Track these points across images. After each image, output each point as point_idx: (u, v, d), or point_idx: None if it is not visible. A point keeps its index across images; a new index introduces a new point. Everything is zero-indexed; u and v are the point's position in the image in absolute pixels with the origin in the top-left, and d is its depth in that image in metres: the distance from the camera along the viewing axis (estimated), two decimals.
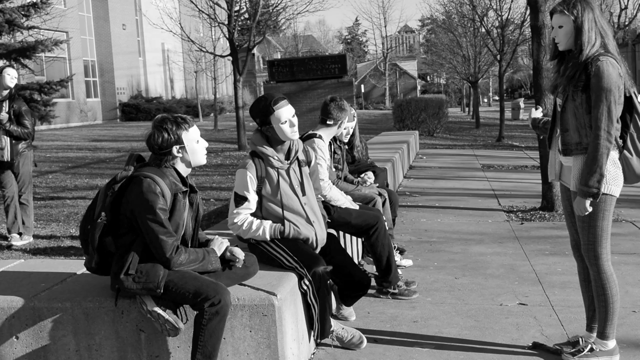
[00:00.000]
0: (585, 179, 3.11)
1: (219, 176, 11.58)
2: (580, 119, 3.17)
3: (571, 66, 3.16)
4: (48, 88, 16.04)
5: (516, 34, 21.31)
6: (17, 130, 6.27)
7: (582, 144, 3.19)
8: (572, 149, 3.23)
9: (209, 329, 2.94)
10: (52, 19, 15.73)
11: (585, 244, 3.29)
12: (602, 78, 3.06)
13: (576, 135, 3.21)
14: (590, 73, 3.09)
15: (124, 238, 3.06)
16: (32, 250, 6.16)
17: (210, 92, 37.18)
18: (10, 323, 3.24)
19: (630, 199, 8.36)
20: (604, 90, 3.06)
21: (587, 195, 3.12)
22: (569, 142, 3.24)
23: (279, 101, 3.58)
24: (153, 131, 3.07)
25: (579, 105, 3.16)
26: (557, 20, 3.20)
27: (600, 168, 3.08)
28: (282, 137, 3.60)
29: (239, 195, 3.61)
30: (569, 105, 3.20)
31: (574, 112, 3.19)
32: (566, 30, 3.17)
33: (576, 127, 3.20)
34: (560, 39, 3.22)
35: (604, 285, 3.29)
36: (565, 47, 3.22)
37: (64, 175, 12.33)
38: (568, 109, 3.21)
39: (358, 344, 3.68)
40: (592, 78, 3.08)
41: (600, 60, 3.07)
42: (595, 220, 3.23)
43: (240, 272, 3.27)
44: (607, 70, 3.06)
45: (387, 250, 4.50)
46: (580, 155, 3.20)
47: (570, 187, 3.30)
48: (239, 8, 20.11)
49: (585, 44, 3.11)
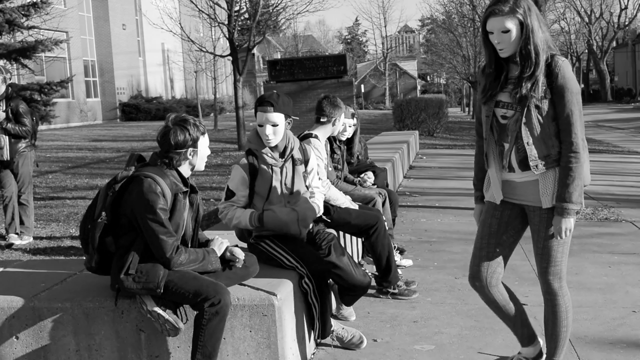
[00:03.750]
0: (567, 195, 2.78)
1: (219, 176, 11.58)
2: (546, 128, 2.82)
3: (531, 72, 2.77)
4: (48, 88, 16.05)
5: None
6: (15, 129, 6.25)
7: (551, 156, 2.83)
8: (541, 163, 2.83)
9: (209, 329, 2.94)
10: (52, 19, 15.73)
11: (551, 265, 2.95)
12: (569, 80, 2.77)
13: (543, 147, 2.83)
14: (555, 76, 2.77)
15: (124, 238, 3.06)
16: (32, 250, 6.15)
17: (210, 92, 37.17)
18: (10, 323, 3.24)
19: (630, 199, 8.37)
20: (573, 92, 2.77)
21: (571, 214, 2.80)
22: (535, 156, 2.83)
23: (263, 104, 3.58)
24: (174, 128, 3.07)
25: (543, 113, 2.80)
26: (499, 23, 2.74)
27: (581, 180, 2.79)
28: (261, 137, 3.63)
29: (229, 190, 3.67)
30: (531, 115, 2.80)
31: (537, 121, 2.81)
32: (513, 35, 2.75)
33: (541, 138, 2.82)
34: (506, 45, 2.77)
35: (567, 309, 3.01)
36: (511, 53, 2.80)
37: (64, 175, 12.33)
38: (530, 119, 2.81)
39: (358, 344, 3.68)
40: (558, 80, 2.76)
41: (561, 60, 2.77)
42: (568, 239, 2.92)
43: (240, 272, 3.27)
44: (570, 70, 2.79)
45: (387, 250, 4.50)
46: (551, 170, 2.85)
47: (544, 204, 2.88)
48: (239, 8, 20.11)
49: (539, 46, 2.75)
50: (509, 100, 2.84)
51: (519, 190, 2.93)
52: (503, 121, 2.88)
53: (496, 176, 2.98)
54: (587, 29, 54.27)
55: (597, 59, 56.23)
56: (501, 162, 2.93)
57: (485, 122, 2.94)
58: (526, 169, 2.86)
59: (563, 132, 2.79)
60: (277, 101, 3.57)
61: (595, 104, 51.10)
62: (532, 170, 2.84)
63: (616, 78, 63.23)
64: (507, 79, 2.87)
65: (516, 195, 2.96)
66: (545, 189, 2.86)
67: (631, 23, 57.56)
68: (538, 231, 2.94)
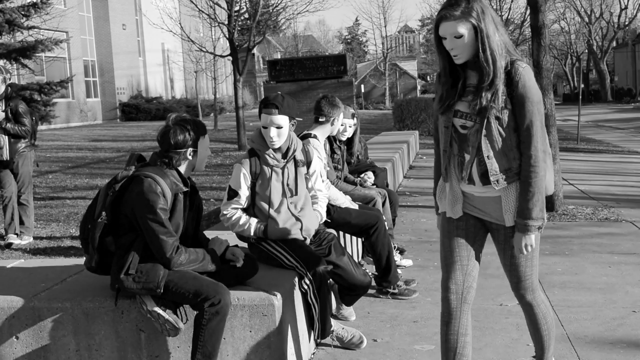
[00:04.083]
0: (527, 211, 2.62)
1: (219, 176, 11.58)
2: (507, 140, 2.62)
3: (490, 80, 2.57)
4: (48, 88, 16.06)
5: (516, 34, 21.32)
6: (14, 128, 6.24)
7: (513, 170, 2.65)
8: (502, 177, 2.65)
9: (209, 329, 2.94)
10: (52, 19, 15.74)
11: (522, 280, 2.82)
12: (531, 88, 2.58)
13: (504, 161, 2.64)
14: (515, 84, 2.57)
15: (124, 238, 3.06)
16: (32, 250, 6.15)
17: (210, 92, 37.17)
18: (10, 323, 3.24)
19: (630, 199, 8.37)
20: (534, 102, 2.58)
21: (532, 230, 2.64)
22: (496, 169, 2.65)
23: (268, 106, 3.57)
24: (174, 128, 3.08)
25: (503, 124, 2.61)
26: (451, 28, 2.55)
27: (542, 195, 2.63)
28: (265, 138, 3.62)
29: (231, 189, 3.66)
30: (491, 126, 2.61)
31: (498, 133, 2.61)
32: (467, 40, 2.55)
33: (502, 151, 2.63)
34: (460, 51, 2.58)
35: (545, 315, 2.92)
36: (466, 59, 2.60)
37: (64, 175, 12.33)
38: (490, 130, 2.61)
39: (358, 344, 3.68)
40: (519, 89, 2.57)
41: (521, 67, 2.58)
42: (534, 251, 2.77)
43: (240, 272, 3.27)
44: (531, 78, 2.59)
45: (387, 250, 4.51)
46: (512, 184, 2.66)
47: (507, 222, 2.71)
48: (239, 8, 20.11)
49: (496, 52, 2.55)
50: (468, 110, 2.66)
51: (479, 204, 2.76)
52: (463, 131, 2.70)
53: (455, 190, 2.79)
54: (587, 29, 54.23)
55: (597, 59, 56.21)
56: (461, 174, 2.74)
57: (444, 132, 2.74)
58: (487, 183, 2.68)
59: (523, 144, 2.62)
60: (282, 103, 3.57)
61: (595, 104, 51.10)
62: (492, 185, 2.67)
63: (616, 78, 63.21)
64: (465, 87, 2.68)
65: (476, 210, 2.79)
66: (508, 206, 2.69)
67: (631, 23, 57.54)
68: (504, 250, 2.82)
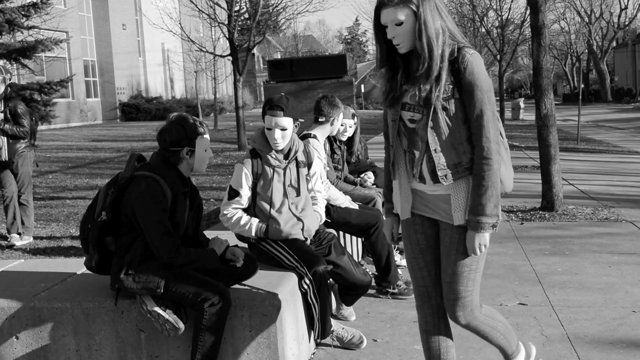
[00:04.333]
0: (480, 207, 2.44)
1: (219, 176, 11.58)
2: (454, 132, 2.46)
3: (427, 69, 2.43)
4: (48, 88, 16.06)
5: (516, 34, 21.33)
6: (12, 129, 6.24)
7: (463, 164, 2.48)
8: (451, 172, 2.49)
9: (209, 329, 2.95)
10: (52, 19, 15.74)
11: (460, 297, 2.57)
12: (479, 75, 2.42)
13: (453, 155, 2.47)
14: (462, 72, 2.42)
15: (124, 238, 3.06)
16: (32, 250, 6.16)
17: (210, 92, 37.17)
18: (10, 323, 3.24)
19: (630, 199, 8.36)
20: (483, 90, 2.42)
21: (486, 228, 2.45)
22: (445, 164, 2.48)
23: (273, 107, 3.57)
24: (170, 126, 3.09)
25: (451, 115, 2.45)
26: (391, 15, 2.41)
27: (497, 189, 2.44)
28: (268, 139, 3.62)
29: (232, 189, 3.65)
30: (438, 118, 2.45)
31: (445, 124, 2.45)
32: (407, 27, 2.40)
33: (451, 144, 2.47)
34: (402, 39, 2.43)
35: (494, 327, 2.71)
36: (409, 48, 2.45)
37: (64, 175, 12.33)
38: (437, 122, 2.46)
39: (358, 344, 3.68)
40: (466, 77, 2.41)
41: (469, 54, 2.42)
42: (479, 262, 2.56)
43: (240, 272, 3.27)
44: (480, 65, 2.43)
45: (386, 250, 4.51)
46: (462, 179, 2.49)
47: (455, 221, 2.51)
48: (239, 8, 20.10)
49: (433, 38, 2.39)
50: (414, 102, 2.50)
51: (431, 203, 2.59)
52: (411, 125, 2.53)
53: (405, 188, 2.63)
54: (587, 29, 54.21)
55: (597, 59, 56.19)
56: (411, 171, 2.58)
57: (392, 127, 2.59)
58: (438, 180, 2.51)
59: (474, 136, 2.45)
60: (287, 105, 3.57)
61: (595, 104, 51.09)
62: (440, 181, 2.49)
63: (616, 78, 63.21)
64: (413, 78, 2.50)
65: (428, 209, 2.61)
66: (458, 203, 2.50)
67: (631, 23, 57.53)
68: (448, 254, 2.57)
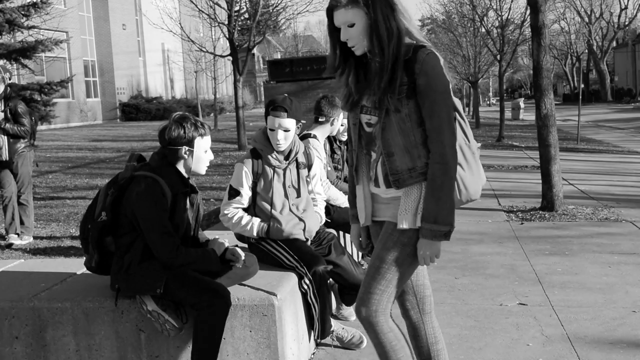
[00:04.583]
0: (433, 214, 2.30)
1: (219, 176, 11.58)
2: (409, 135, 2.33)
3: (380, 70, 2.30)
4: (48, 88, 16.05)
5: (516, 34, 21.30)
6: (13, 129, 6.25)
7: (417, 169, 2.34)
8: (404, 177, 2.35)
9: (209, 329, 2.94)
10: (52, 19, 15.72)
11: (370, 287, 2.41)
12: (435, 76, 2.28)
13: (407, 159, 2.34)
14: (417, 72, 2.28)
15: (124, 238, 3.06)
16: (32, 250, 6.16)
17: (210, 92, 37.17)
18: (10, 323, 3.24)
19: (630, 199, 8.37)
20: (439, 91, 2.29)
21: (438, 237, 2.32)
22: (398, 169, 2.36)
23: (277, 109, 3.58)
24: (171, 124, 3.10)
25: (405, 118, 2.32)
26: (342, 17, 2.31)
27: (451, 197, 2.31)
28: (270, 140, 3.62)
29: (233, 189, 3.66)
30: (391, 120, 2.34)
31: (399, 127, 2.33)
32: (359, 28, 2.30)
33: (404, 148, 2.34)
34: (356, 41, 2.32)
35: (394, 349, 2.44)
36: (364, 50, 2.34)
37: (64, 175, 12.33)
38: (390, 125, 2.34)
39: (358, 344, 3.68)
40: (421, 78, 2.28)
41: (424, 54, 2.29)
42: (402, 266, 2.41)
43: (240, 272, 3.27)
44: (436, 65, 2.29)
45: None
46: (416, 185, 2.35)
47: (399, 224, 2.37)
48: (239, 8, 20.09)
49: (384, 38, 2.28)
50: (371, 105, 2.40)
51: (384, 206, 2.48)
52: (369, 129, 2.44)
53: (367, 193, 2.52)
54: (587, 29, 54.19)
55: (597, 59, 56.20)
56: (369, 174, 2.49)
57: (353, 130, 2.50)
58: (398, 186, 2.38)
59: (429, 140, 2.31)
60: (290, 107, 3.58)
61: (595, 104, 51.10)
62: (392, 186, 2.38)
63: (616, 78, 63.21)
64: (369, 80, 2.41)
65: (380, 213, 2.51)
66: (406, 206, 2.36)
67: (631, 23, 57.52)
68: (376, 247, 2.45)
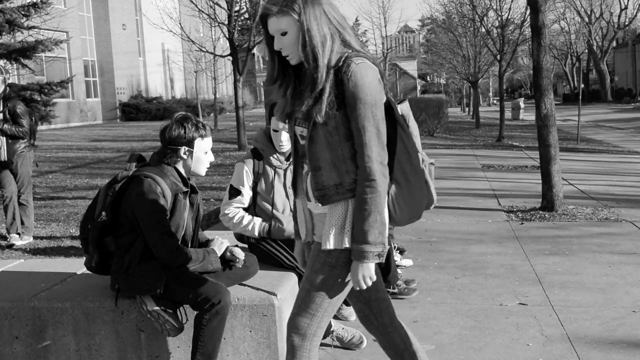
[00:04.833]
0: (364, 234, 2.15)
1: (219, 176, 11.58)
2: (336, 149, 2.20)
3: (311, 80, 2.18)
4: (48, 88, 16.06)
5: (516, 34, 21.30)
6: (11, 129, 6.24)
7: (344, 185, 2.20)
8: (330, 193, 2.22)
9: (209, 329, 2.94)
10: (52, 19, 15.72)
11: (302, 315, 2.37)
12: (363, 88, 2.14)
13: (334, 174, 2.21)
14: (345, 83, 2.15)
15: (124, 238, 3.06)
16: (32, 250, 6.16)
17: (210, 92, 37.16)
18: (10, 323, 3.24)
19: (630, 199, 8.37)
20: (367, 103, 2.14)
21: (370, 258, 2.18)
22: (324, 184, 2.22)
23: None
24: (172, 124, 3.11)
25: (332, 131, 2.18)
26: (275, 25, 2.20)
27: (381, 215, 2.16)
28: (273, 141, 3.62)
29: (233, 188, 3.66)
30: (319, 133, 2.20)
31: (326, 141, 2.20)
32: (292, 36, 2.19)
33: (332, 163, 2.21)
34: (289, 50, 2.21)
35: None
36: (299, 59, 2.21)
37: (64, 175, 12.33)
38: (317, 138, 2.21)
39: (358, 344, 3.68)
40: (349, 89, 2.14)
41: (355, 64, 2.16)
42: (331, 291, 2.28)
43: (240, 272, 3.27)
44: (365, 75, 2.15)
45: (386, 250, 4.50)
46: (341, 202, 2.21)
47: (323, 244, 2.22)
48: (239, 8, 20.10)
49: (318, 47, 2.16)
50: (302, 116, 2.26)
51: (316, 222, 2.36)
52: (302, 141, 2.30)
53: (305, 207, 2.39)
54: (587, 29, 54.18)
55: (597, 59, 56.20)
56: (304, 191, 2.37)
57: (290, 142, 2.42)
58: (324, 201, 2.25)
59: (358, 155, 2.18)
60: None
61: (595, 104, 51.09)
62: (316, 202, 2.26)
63: (616, 78, 63.20)
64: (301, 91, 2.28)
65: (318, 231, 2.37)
66: (330, 224, 2.22)
67: (631, 23, 57.52)
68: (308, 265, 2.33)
